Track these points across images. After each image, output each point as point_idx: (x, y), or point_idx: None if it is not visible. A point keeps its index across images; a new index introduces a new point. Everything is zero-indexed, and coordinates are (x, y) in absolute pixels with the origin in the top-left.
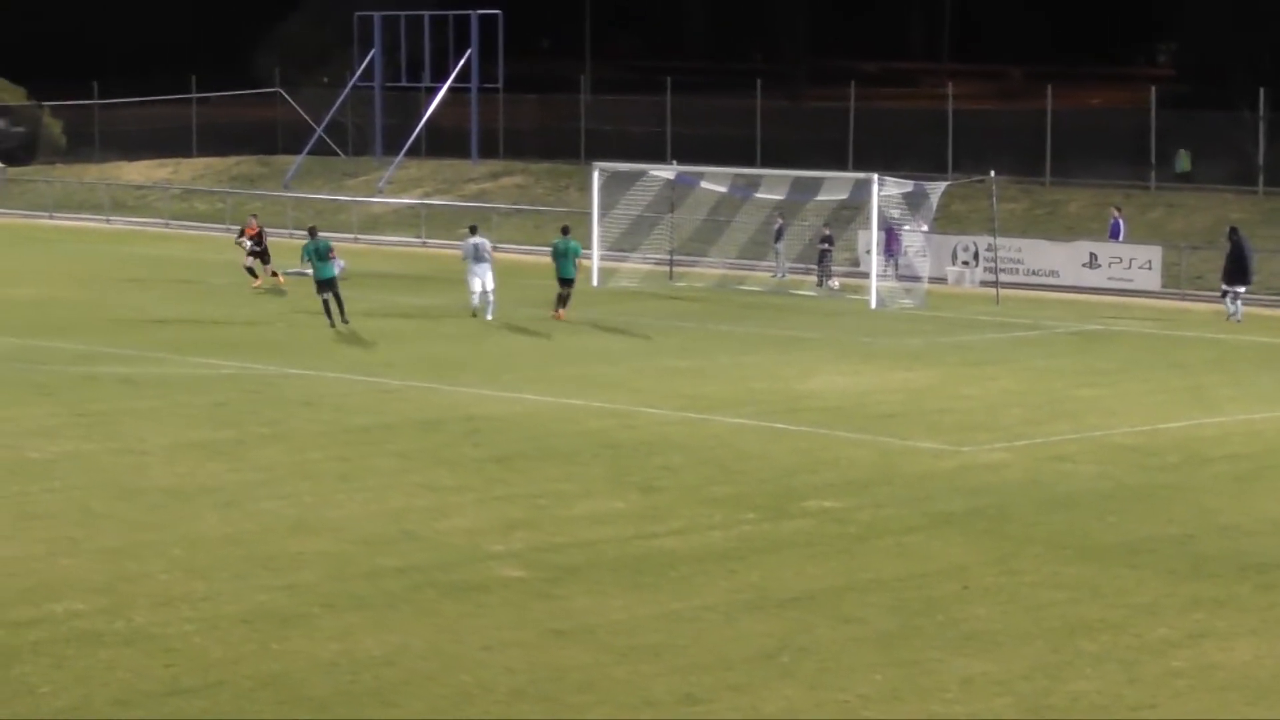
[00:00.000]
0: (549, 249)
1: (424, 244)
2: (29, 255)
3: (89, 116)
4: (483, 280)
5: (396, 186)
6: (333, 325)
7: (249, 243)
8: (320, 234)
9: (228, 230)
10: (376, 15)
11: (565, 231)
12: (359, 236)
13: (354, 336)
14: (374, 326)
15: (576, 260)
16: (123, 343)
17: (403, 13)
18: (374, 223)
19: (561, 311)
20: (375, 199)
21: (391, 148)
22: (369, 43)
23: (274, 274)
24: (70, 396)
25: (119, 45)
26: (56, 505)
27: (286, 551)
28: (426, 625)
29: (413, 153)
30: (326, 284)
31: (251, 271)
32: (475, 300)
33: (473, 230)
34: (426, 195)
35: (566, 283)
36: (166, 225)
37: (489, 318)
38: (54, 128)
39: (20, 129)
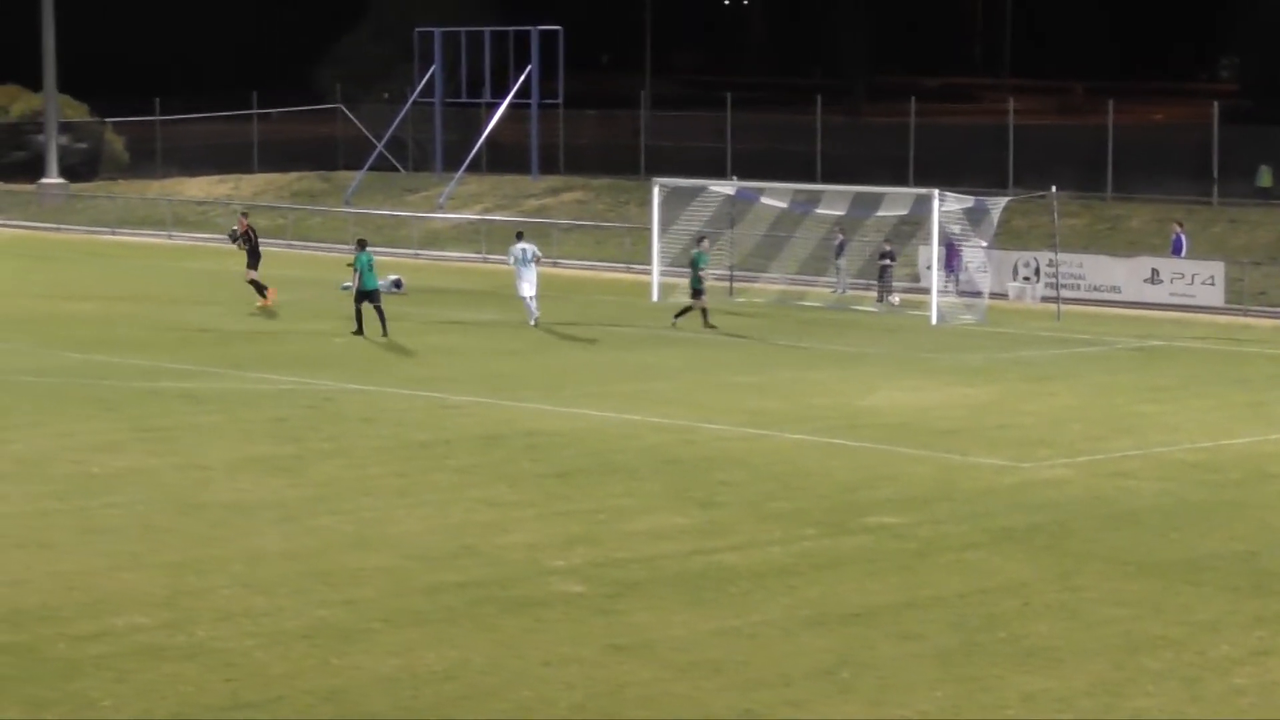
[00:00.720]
0: (604, 264)
1: (484, 259)
2: (92, 271)
3: (151, 133)
4: (528, 285)
5: (457, 202)
6: (360, 333)
7: (240, 241)
8: (370, 247)
9: (286, 246)
10: (437, 31)
11: (699, 241)
12: (419, 252)
13: (413, 352)
14: (433, 342)
15: (700, 272)
16: (184, 358)
17: (463, 29)
18: (434, 238)
19: (681, 320)
20: (436, 215)
21: (452, 163)
22: (429, 59)
23: (252, 282)
24: (132, 412)
25: (180, 62)
26: (119, 520)
27: (346, 567)
28: (487, 640)
29: (473, 168)
30: (371, 295)
31: (258, 288)
32: (531, 306)
33: (519, 236)
34: (487, 211)
35: (697, 294)
36: (226, 241)
37: (532, 322)
38: (116, 144)
39: (83, 145)
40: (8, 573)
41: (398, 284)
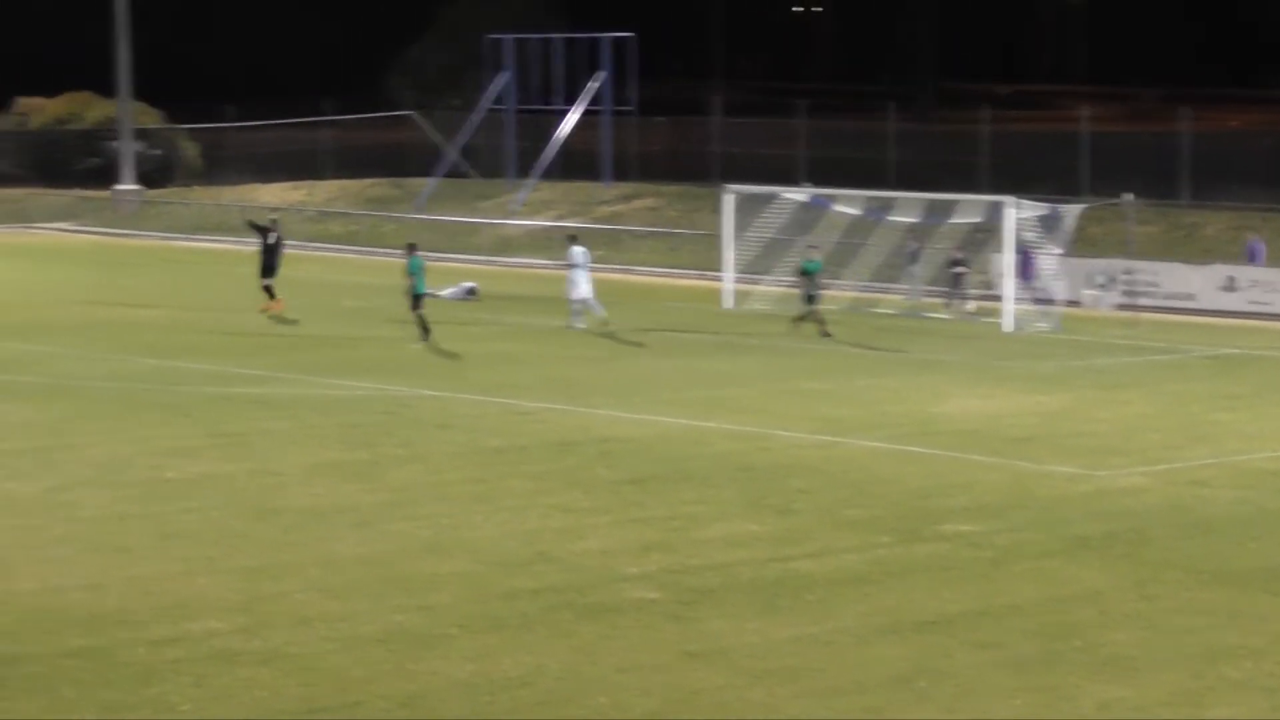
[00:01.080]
0: (676, 270)
1: (557, 266)
2: (166, 277)
3: (224, 139)
4: (582, 286)
5: (529, 209)
6: (427, 337)
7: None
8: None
9: (359, 252)
10: (508, 38)
11: (810, 250)
12: (492, 258)
13: (485, 358)
14: (506, 348)
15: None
16: (256, 364)
17: (535, 36)
18: (506, 245)
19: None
20: (508, 221)
21: (523, 170)
22: (500, 66)
23: (268, 292)
24: (206, 417)
25: (254, 69)
26: (194, 525)
27: (422, 572)
28: (562, 647)
29: (545, 175)
30: (416, 300)
31: (269, 292)
32: (575, 307)
33: (572, 239)
34: (559, 217)
35: (809, 300)
36: (301, 247)
37: (601, 313)
38: (191, 150)
39: (158, 152)
40: (85, 577)
41: (472, 291)
